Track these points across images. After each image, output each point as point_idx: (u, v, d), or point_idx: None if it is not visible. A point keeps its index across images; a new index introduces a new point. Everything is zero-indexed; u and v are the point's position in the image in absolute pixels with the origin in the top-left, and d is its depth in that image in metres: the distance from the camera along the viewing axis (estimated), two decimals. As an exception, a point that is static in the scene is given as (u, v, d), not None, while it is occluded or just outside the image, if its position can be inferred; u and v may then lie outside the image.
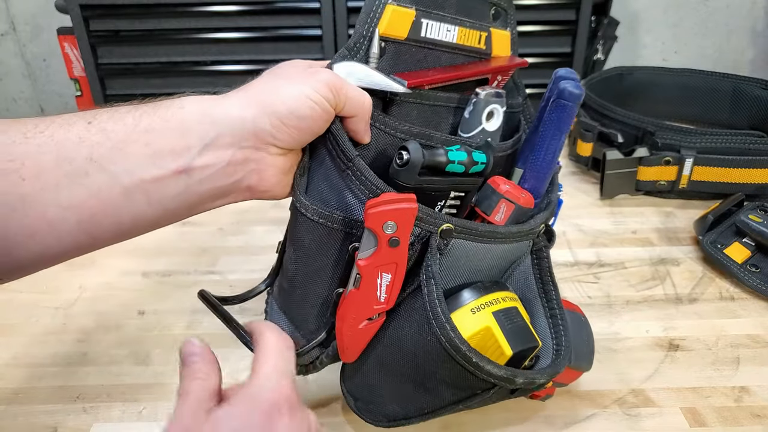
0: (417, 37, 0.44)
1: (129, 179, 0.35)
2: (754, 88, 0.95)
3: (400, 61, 0.45)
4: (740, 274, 0.66)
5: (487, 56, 0.48)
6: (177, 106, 0.37)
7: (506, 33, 0.49)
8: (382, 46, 0.43)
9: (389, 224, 0.38)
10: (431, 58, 0.46)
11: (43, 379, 0.55)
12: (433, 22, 0.44)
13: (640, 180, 0.82)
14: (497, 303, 0.43)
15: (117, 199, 0.36)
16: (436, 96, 0.46)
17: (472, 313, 0.42)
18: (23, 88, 1.87)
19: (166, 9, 1.29)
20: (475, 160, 0.43)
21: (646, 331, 0.60)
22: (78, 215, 0.35)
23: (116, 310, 0.63)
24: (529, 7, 1.46)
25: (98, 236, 0.37)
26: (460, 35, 0.46)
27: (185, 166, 0.37)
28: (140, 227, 0.38)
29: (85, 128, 0.35)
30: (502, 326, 0.41)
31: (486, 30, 0.47)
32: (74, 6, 1.27)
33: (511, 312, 0.43)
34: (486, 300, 0.43)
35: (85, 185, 0.35)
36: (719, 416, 0.51)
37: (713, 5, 1.67)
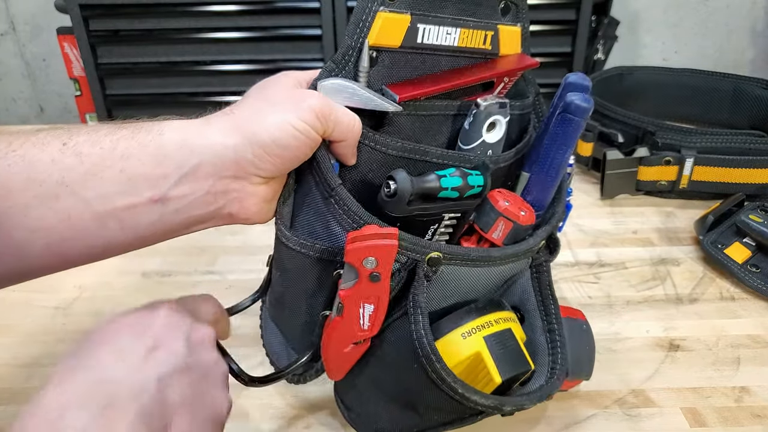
0: (413, 43, 0.41)
1: (101, 205, 0.34)
2: (755, 88, 0.95)
3: (395, 71, 0.42)
4: (741, 274, 0.66)
5: (494, 56, 0.45)
6: (156, 131, 0.36)
7: (516, 29, 0.45)
8: (374, 56, 0.41)
9: (369, 260, 0.37)
10: (429, 64, 0.43)
11: (42, 379, 0.55)
12: (431, 27, 0.41)
13: (641, 180, 0.82)
14: (490, 326, 0.41)
15: (88, 224, 0.34)
16: (432, 105, 0.43)
17: (462, 338, 0.40)
18: (23, 88, 1.87)
19: (166, 9, 1.29)
20: (471, 184, 0.40)
21: (646, 331, 0.60)
22: (46, 238, 0.34)
23: (116, 310, 0.63)
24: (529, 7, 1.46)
25: (69, 258, 0.36)
26: (462, 37, 0.43)
27: (161, 196, 0.35)
28: (112, 251, 0.37)
29: (60, 150, 0.34)
30: (492, 352, 0.40)
31: (492, 28, 0.44)
32: (74, 6, 1.27)
33: (504, 335, 0.41)
34: (478, 323, 0.41)
35: (55, 209, 0.34)
36: (719, 416, 0.50)
37: (713, 5, 1.67)
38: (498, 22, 0.44)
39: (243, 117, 0.37)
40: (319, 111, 0.37)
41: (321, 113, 0.37)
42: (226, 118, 0.37)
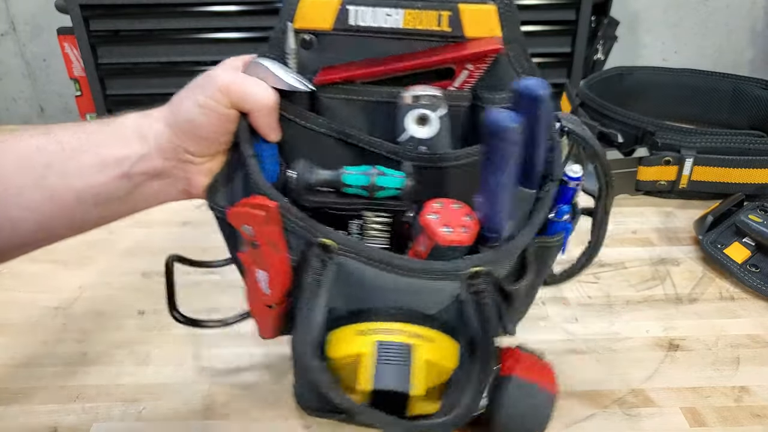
0: (345, 26, 0.40)
1: (80, 184, 0.40)
2: (754, 88, 0.95)
3: (329, 54, 0.41)
4: (740, 274, 0.66)
5: (458, 39, 0.40)
6: (120, 122, 0.42)
7: (488, 7, 0.40)
8: (307, 39, 0.41)
9: (245, 227, 0.39)
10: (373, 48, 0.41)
11: (42, 379, 0.55)
12: (364, 8, 0.39)
13: (640, 180, 0.82)
14: (390, 334, 0.39)
15: (70, 201, 0.40)
16: (366, 91, 0.41)
17: (356, 334, 0.40)
18: (23, 88, 1.87)
19: (166, 9, 1.29)
20: (380, 185, 0.39)
21: (646, 331, 0.60)
22: (37, 215, 0.40)
23: (116, 310, 0.63)
24: (529, 7, 1.46)
25: (54, 233, 0.42)
26: (408, 18, 0.40)
27: (126, 173, 0.41)
28: (90, 225, 0.43)
29: (44, 139, 0.40)
30: (377, 358, 0.39)
31: (449, 7, 0.40)
32: (74, 6, 1.26)
33: (399, 349, 0.39)
34: (379, 327, 0.40)
35: (42, 189, 0.39)
36: (719, 416, 0.51)
37: (713, 5, 1.67)
38: (458, 1, 0.40)
39: (173, 104, 0.42)
40: (222, 85, 0.40)
41: (224, 87, 0.40)
42: (165, 108, 0.43)
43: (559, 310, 0.63)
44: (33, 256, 0.72)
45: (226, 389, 0.53)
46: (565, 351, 0.58)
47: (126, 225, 0.77)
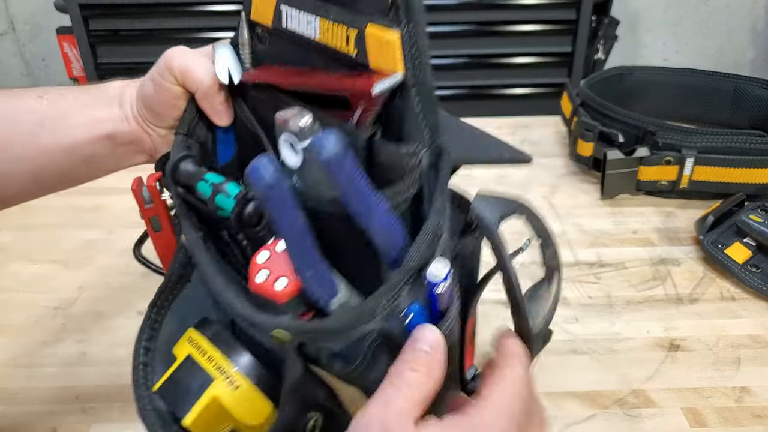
0: (280, 26, 0.37)
1: (69, 141, 0.44)
2: (755, 88, 0.95)
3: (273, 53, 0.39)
4: (741, 274, 0.66)
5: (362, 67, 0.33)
6: (105, 87, 0.46)
7: (391, 35, 0.31)
8: (259, 33, 0.40)
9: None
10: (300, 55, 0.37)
11: (42, 379, 0.55)
12: (292, 10, 0.36)
13: (641, 180, 0.82)
14: (202, 355, 0.37)
15: (60, 155, 0.44)
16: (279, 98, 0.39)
17: (186, 340, 0.39)
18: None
19: (166, 9, 1.29)
20: (217, 203, 0.36)
21: (646, 331, 0.60)
22: (30, 166, 0.44)
23: (116, 310, 0.63)
24: (529, 6, 1.46)
25: (44, 185, 0.46)
26: (323, 30, 0.34)
27: (110, 132, 0.45)
28: (78, 179, 0.47)
29: (36, 101, 0.44)
30: (178, 369, 0.38)
31: (357, 26, 0.32)
32: (73, 5, 1.26)
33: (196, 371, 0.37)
34: (201, 343, 0.38)
35: (35, 144, 0.43)
36: (720, 417, 0.50)
37: (713, 5, 1.67)
38: (368, 19, 0.32)
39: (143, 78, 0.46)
40: (169, 62, 0.43)
41: (168, 64, 0.43)
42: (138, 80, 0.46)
43: (560, 310, 0.63)
44: (33, 256, 0.72)
45: (226, 389, 0.53)
46: (565, 351, 0.58)
47: (126, 225, 0.77)
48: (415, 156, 0.32)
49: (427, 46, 0.31)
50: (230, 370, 0.36)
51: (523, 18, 1.47)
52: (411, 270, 0.31)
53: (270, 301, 0.33)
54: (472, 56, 1.53)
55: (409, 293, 0.31)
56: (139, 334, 0.41)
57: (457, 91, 1.55)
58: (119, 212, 0.78)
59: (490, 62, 1.54)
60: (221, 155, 0.45)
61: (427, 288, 0.32)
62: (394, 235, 0.32)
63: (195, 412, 0.35)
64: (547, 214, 0.80)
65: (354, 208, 0.30)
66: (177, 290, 0.41)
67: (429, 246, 0.31)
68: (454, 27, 1.51)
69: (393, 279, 0.31)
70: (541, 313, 0.37)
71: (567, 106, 0.94)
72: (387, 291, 0.30)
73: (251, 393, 0.36)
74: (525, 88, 1.56)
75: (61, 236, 0.75)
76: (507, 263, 0.34)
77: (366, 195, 0.30)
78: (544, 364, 0.56)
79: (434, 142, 0.33)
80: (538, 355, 0.38)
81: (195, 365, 0.37)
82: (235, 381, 0.36)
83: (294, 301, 0.33)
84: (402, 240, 0.32)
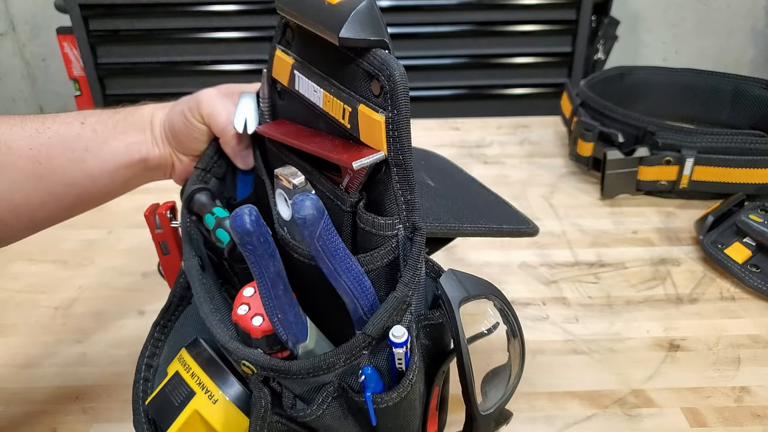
0: (293, 88, 0.41)
1: (112, 165, 0.47)
2: (755, 88, 0.95)
3: (288, 109, 0.44)
4: (741, 274, 0.66)
5: (354, 138, 0.37)
6: (139, 113, 0.50)
7: (378, 118, 0.34)
8: (278, 89, 0.44)
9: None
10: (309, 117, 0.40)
11: (42, 379, 0.55)
12: (303, 77, 0.40)
13: (641, 180, 0.82)
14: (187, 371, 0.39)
15: (103, 179, 0.47)
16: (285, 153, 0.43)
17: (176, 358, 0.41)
18: (22, 88, 1.86)
19: (166, 9, 1.29)
20: (218, 237, 0.42)
21: (646, 331, 0.60)
22: (77, 189, 0.47)
23: (116, 310, 0.63)
24: (529, 6, 1.46)
25: (88, 204, 0.49)
26: (326, 100, 0.38)
27: (144, 156, 0.49)
28: (116, 194, 0.50)
29: (81, 127, 0.47)
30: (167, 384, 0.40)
31: (352, 104, 0.36)
32: (74, 6, 1.26)
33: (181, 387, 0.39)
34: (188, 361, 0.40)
35: (82, 169, 0.46)
36: (720, 416, 0.51)
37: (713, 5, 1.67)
38: (361, 100, 0.36)
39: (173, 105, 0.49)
40: (196, 104, 0.47)
41: (197, 105, 0.47)
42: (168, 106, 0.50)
43: (560, 310, 0.63)
44: (33, 256, 0.72)
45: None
46: (565, 351, 0.58)
47: (126, 225, 0.77)
48: (391, 228, 0.36)
49: (408, 132, 0.34)
50: (210, 385, 0.38)
51: (523, 18, 1.47)
52: (371, 336, 0.33)
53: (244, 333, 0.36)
54: (472, 56, 1.54)
55: (369, 356, 0.34)
56: (142, 350, 0.44)
57: (457, 91, 1.55)
58: (119, 212, 0.78)
59: (490, 62, 1.54)
60: (240, 192, 0.50)
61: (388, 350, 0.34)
62: (363, 296, 0.34)
63: (177, 424, 0.38)
64: (547, 214, 0.80)
65: (323, 266, 0.33)
66: (179, 311, 0.44)
67: (391, 315, 0.33)
68: (454, 27, 1.51)
69: (355, 340, 0.33)
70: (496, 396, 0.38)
71: (567, 106, 0.94)
72: (348, 350, 0.33)
73: (228, 407, 0.38)
74: (525, 88, 1.56)
75: (61, 236, 0.75)
76: (461, 346, 0.34)
77: (337, 256, 0.33)
78: (544, 364, 0.56)
79: (410, 218, 0.36)
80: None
81: (180, 381, 0.39)
82: (213, 396, 0.38)
83: (268, 339, 0.36)
84: (373, 302, 0.35)
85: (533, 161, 0.93)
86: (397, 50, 0.47)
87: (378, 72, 0.34)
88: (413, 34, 1.51)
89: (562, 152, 0.95)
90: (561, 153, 0.95)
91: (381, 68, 0.34)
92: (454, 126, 1.05)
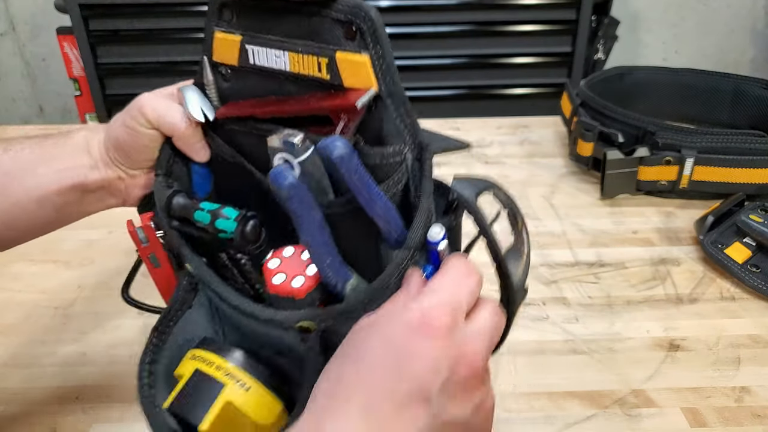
0: (247, 64, 0.42)
1: (40, 192, 0.45)
2: (755, 88, 0.95)
3: (240, 88, 0.43)
4: (741, 274, 0.66)
5: (337, 87, 0.38)
6: (72, 136, 0.47)
7: (362, 58, 0.37)
8: (223, 72, 0.44)
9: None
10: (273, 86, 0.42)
11: (42, 379, 0.55)
12: (258, 48, 0.41)
13: (641, 180, 0.82)
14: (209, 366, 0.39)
15: (31, 206, 0.45)
16: (259, 128, 0.42)
17: (189, 357, 0.41)
18: (22, 88, 1.87)
19: (166, 9, 1.29)
20: (217, 227, 0.40)
21: (646, 331, 0.60)
22: (2, 217, 0.45)
23: (115, 310, 0.63)
24: (529, 6, 1.46)
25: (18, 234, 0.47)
26: (293, 62, 0.39)
27: (80, 182, 0.46)
28: (50, 228, 0.48)
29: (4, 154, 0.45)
30: (187, 383, 0.39)
31: (327, 55, 0.38)
32: (74, 6, 1.26)
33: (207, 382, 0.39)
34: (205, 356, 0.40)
35: (6, 196, 0.45)
36: (720, 416, 0.51)
37: (713, 5, 1.67)
38: (336, 48, 0.38)
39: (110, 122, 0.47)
40: (141, 107, 0.44)
41: (141, 110, 0.44)
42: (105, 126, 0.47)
43: (559, 310, 0.63)
44: (33, 256, 0.72)
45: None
46: (565, 351, 0.58)
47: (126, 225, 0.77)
48: (399, 154, 0.38)
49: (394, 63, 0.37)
50: (239, 374, 0.38)
51: (523, 18, 1.47)
52: (413, 247, 0.36)
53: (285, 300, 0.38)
54: (472, 56, 1.53)
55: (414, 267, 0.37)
56: (141, 356, 0.43)
57: (457, 91, 1.55)
58: (119, 212, 0.77)
59: (490, 62, 1.54)
60: (199, 188, 0.48)
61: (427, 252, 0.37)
62: (394, 220, 0.37)
63: (211, 416, 0.37)
64: (547, 214, 0.80)
65: (360, 198, 0.35)
66: (178, 316, 0.43)
67: (425, 224, 0.37)
68: (454, 27, 1.51)
69: (399, 257, 0.36)
70: (518, 270, 0.42)
71: (567, 106, 0.94)
72: (395, 268, 0.36)
73: (262, 392, 0.39)
74: (525, 88, 1.56)
75: (61, 236, 0.74)
76: (488, 229, 0.38)
77: (370, 187, 0.36)
78: (544, 364, 0.56)
79: (415, 139, 0.39)
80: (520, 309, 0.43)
81: (204, 376, 0.39)
82: (245, 383, 0.38)
83: (310, 296, 0.38)
84: (400, 224, 0.38)
85: (533, 161, 0.93)
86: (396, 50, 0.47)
87: (351, 16, 0.36)
88: (413, 34, 1.51)
89: (562, 152, 0.95)
90: (561, 153, 0.95)
91: (353, 12, 0.36)
92: (454, 126, 1.05)
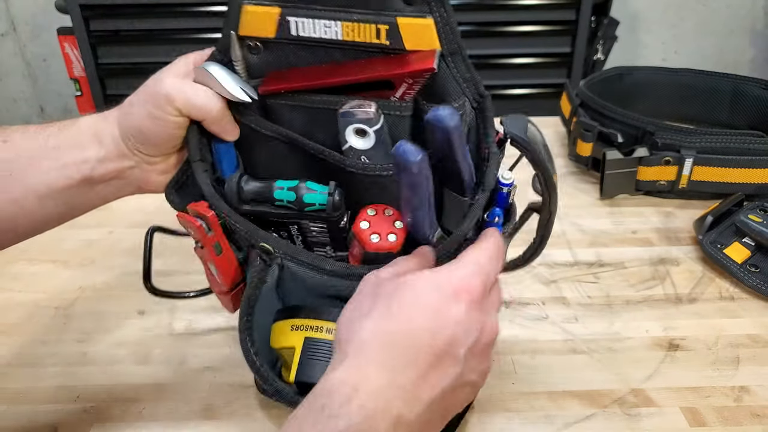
0: (287, 35, 0.41)
1: (42, 188, 0.42)
2: (754, 88, 0.95)
3: (276, 60, 0.42)
4: (740, 274, 0.66)
5: (398, 51, 0.40)
6: (77, 125, 0.44)
7: (426, 21, 0.39)
8: (253, 45, 0.43)
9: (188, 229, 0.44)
10: (317, 54, 0.42)
11: (43, 379, 0.55)
12: (303, 20, 0.40)
13: (640, 180, 0.82)
14: (318, 331, 0.42)
15: (32, 204, 0.42)
16: (308, 99, 0.43)
17: (290, 329, 0.43)
18: (23, 88, 1.87)
19: (166, 9, 1.29)
20: (306, 201, 0.43)
21: (645, 331, 0.60)
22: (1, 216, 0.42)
23: (116, 310, 0.63)
24: (529, 7, 1.46)
25: (18, 233, 0.44)
26: (346, 30, 0.40)
27: (86, 176, 0.43)
28: (51, 224, 0.45)
29: (2, 146, 0.42)
30: (303, 353, 0.42)
31: (387, 21, 0.39)
32: (74, 6, 1.27)
33: (322, 345, 0.42)
34: (310, 324, 0.42)
35: (5, 194, 0.41)
36: (719, 416, 0.51)
37: (713, 5, 1.67)
38: (396, 14, 0.39)
39: (124, 108, 0.44)
40: (169, 97, 0.42)
41: (169, 99, 0.42)
42: (116, 112, 0.45)
43: (559, 310, 0.63)
44: (33, 256, 0.72)
45: (226, 389, 0.53)
46: (565, 351, 0.58)
47: (126, 225, 0.77)
48: (462, 107, 0.41)
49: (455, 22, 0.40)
50: None
51: (523, 18, 1.47)
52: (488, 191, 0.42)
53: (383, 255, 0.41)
54: (472, 56, 1.53)
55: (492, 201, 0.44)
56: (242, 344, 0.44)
57: (457, 91, 1.55)
58: (120, 212, 0.78)
59: (490, 62, 1.54)
60: (226, 168, 0.47)
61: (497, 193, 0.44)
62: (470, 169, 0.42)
63: None
64: (547, 214, 0.80)
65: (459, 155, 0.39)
66: (257, 294, 0.44)
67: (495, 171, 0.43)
68: (454, 27, 1.51)
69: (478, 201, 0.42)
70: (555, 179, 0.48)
71: (566, 107, 0.95)
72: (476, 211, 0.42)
73: None
74: (525, 89, 1.56)
75: (61, 236, 0.75)
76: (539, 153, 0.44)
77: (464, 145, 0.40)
78: (543, 363, 0.56)
79: (477, 89, 0.42)
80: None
81: (318, 342, 0.42)
82: None
83: (403, 248, 0.42)
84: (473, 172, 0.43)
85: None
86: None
87: None
88: (413, 34, 1.51)
89: (562, 152, 0.95)
90: (560, 153, 0.95)
91: None
92: (454, 126, 1.05)
